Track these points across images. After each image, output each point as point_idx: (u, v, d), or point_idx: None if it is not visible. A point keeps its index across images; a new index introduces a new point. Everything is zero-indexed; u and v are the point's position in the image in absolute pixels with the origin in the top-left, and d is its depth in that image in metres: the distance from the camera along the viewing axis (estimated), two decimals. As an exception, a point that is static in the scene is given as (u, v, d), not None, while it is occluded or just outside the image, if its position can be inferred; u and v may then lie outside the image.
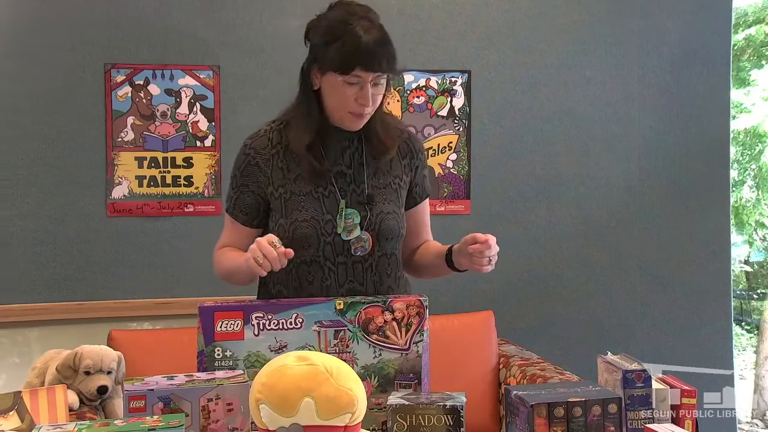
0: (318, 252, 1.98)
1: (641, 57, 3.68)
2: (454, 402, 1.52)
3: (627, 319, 3.67)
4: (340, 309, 1.71)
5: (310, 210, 1.98)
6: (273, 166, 2.03)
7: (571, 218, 3.64)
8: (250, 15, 3.35)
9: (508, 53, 3.57)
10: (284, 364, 1.32)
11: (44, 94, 3.21)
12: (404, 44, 3.45)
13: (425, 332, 1.73)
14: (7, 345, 3.23)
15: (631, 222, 3.69)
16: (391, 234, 2.01)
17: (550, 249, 3.63)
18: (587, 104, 3.65)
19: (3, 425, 1.39)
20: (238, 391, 1.51)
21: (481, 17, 3.55)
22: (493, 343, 3.08)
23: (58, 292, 3.21)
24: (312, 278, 1.99)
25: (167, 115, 3.30)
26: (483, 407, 2.93)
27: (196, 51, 3.33)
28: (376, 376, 1.71)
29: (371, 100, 1.94)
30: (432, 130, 3.53)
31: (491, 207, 3.56)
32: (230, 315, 1.70)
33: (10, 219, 3.19)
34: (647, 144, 3.70)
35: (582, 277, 3.65)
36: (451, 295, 3.43)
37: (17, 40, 3.19)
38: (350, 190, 2.01)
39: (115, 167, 3.27)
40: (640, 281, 3.70)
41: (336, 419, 1.30)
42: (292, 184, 2.01)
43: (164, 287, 3.27)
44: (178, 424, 1.33)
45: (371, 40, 1.90)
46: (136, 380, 1.56)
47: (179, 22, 3.31)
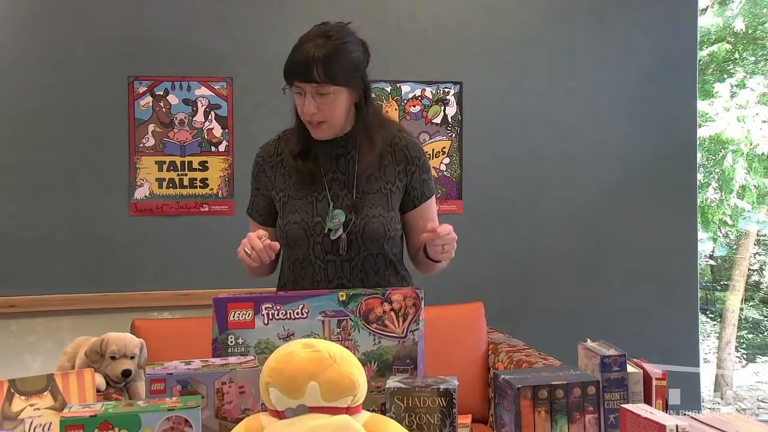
0: (309, 251, 2.00)
1: (618, 70, 3.68)
2: (447, 385, 1.52)
3: (606, 309, 3.67)
4: (342, 300, 1.71)
5: (302, 213, 1.99)
6: (276, 172, 2.05)
7: (554, 217, 3.64)
8: (261, 31, 3.35)
9: (497, 66, 3.57)
10: (291, 351, 1.31)
11: (74, 104, 3.21)
12: (402, 57, 3.48)
13: (421, 322, 1.73)
14: (42, 332, 3.23)
15: (609, 220, 3.69)
16: (375, 236, 1.99)
17: (536, 245, 3.63)
18: (570, 113, 3.65)
19: (38, 404, 1.40)
20: (249, 375, 1.51)
21: (472, 33, 3.55)
22: (482, 332, 3.07)
23: (87, 284, 3.21)
24: (304, 274, 2.01)
25: (185, 122, 3.30)
26: (473, 390, 2.92)
27: (211, 64, 3.32)
28: (376, 362, 1.70)
29: (313, 110, 1.91)
30: (427, 137, 3.53)
31: (481, 207, 3.55)
32: (242, 306, 1.69)
33: (46, 218, 3.19)
34: (623, 149, 3.70)
35: (564, 271, 3.65)
36: (445, 287, 3.41)
37: (50, 56, 3.20)
38: (342, 194, 2.01)
39: (137, 170, 3.26)
40: (617, 274, 3.70)
41: (339, 401, 1.29)
42: (291, 189, 2.03)
43: (182, 280, 3.27)
44: (195, 405, 1.33)
45: (309, 53, 1.88)
46: (156, 365, 1.55)
47: (196, 38, 3.30)
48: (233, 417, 1.49)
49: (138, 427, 1.28)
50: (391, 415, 1.49)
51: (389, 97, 3.48)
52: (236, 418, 1.48)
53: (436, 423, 1.50)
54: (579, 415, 1.52)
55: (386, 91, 3.48)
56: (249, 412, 1.49)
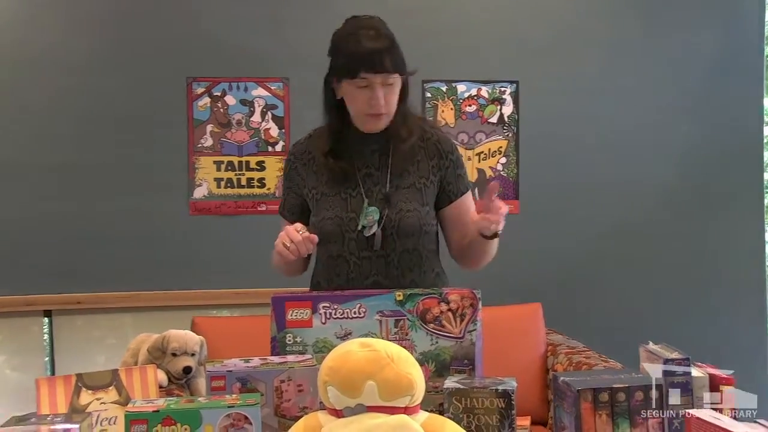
0: (343, 247, 1.98)
1: (677, 67, 3.61)
2: (505, 386, 1.50)
3: (666, 313, 3.59)
4: (399, 300, 1.70)
5: (336, 209, 1.98)
6: (308, 170, 2.04)
7: (612, 217, 3.58)
8: (315, 31, 3.33)
9: (553, 64, 3.53)
10: (349, 350, 1.32)
11: (134, 106, 3.28)
12: (458, 57, 3.46)
13: (478, 322, 1.71)
14: (105, 328, 3.31)
15: (669, 222, 3.62)
16: (410, 230, 1.97)
17: (594, 246, 3.57)
18: (626, 112, 3.59)
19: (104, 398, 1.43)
20: (307, 373, 1.52)
21: (528, 32, 3.52)
22: (541, 333, 3.04)
23: (148, 282, 3.28)
24: (339, 271, 1.99)
25: (242, 123, 3.34)
26: (532, 392, 2.89)
27: (268, 65, 3.35)
28: (433, 362, 1.69)
29: (383, 101, 1.90)
30: (483, 136, 3.50)
31: (538, 207, 3.52)
32: (300, 305, 1.70)
33: (108, 217, 3.26)
34: (683, 149, 3.63)
35: (623, 272, 3.59)
36: (502, 287, 3.39)
37: (113, 60, 3.27)
38: (376, 190, 1.99)
39: (196, 170, 3.31)
40: (677, 277, 3.62)
41: (397, 401, 1.29)
42: (324, 186, 2.01)
43: (241, 279, 3.30)
44: (254, 403, 1.34)
45: (373, 44, 1.88)
46: (216, 362, 1.57)
47: (252, 40, 3.34)
48: (292, 415, 1.50)
49: (199, 423, 1.30)
50: (449, 416, 1.48)
51: (445, 96, 3.47)
52: (295, 416, 1.49)
53: (494, 424, 1.48)
54: (641, 419, 1.49)
55: (442, 91, 3.46)
56: (307, 410, 1.50)
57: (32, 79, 3.23)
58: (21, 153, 3.23)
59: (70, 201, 3.25)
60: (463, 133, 3.50)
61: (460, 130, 3.49)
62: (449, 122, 3.48)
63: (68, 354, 3.26)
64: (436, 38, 3.40)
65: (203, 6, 3.32)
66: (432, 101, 3.46)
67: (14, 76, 3.23)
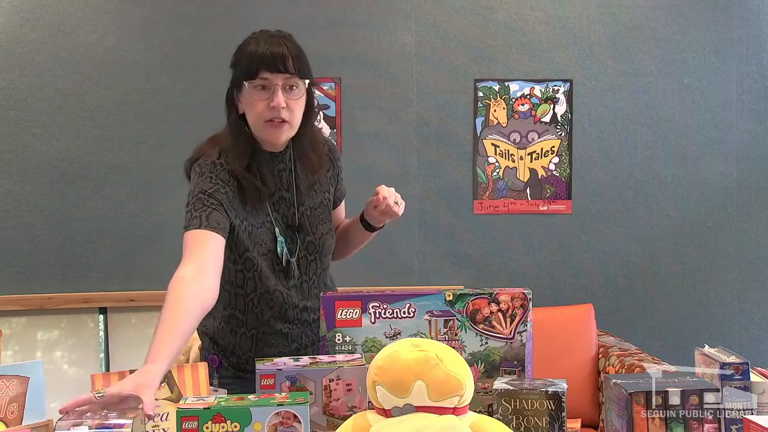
0: (277, 280, 1.89)
1: (740, 63, 3.52)
2: (556, 388, 1.49)
3: (723, 315, 3.51)
4: (449, 300, 1.70)
5: (267, 242, 1.88)
6: (237, 199, 1.86)
7: (668, 218, 3.52)
8: (367, 32, 3.38)
9: (608, 63, 3.48)
10: (398, 350, 1.32)
11: (188, 106, 3.34)
12: (510, 55, 3.44)
13: (529, 323, 1.70)
14: (156, 326, 3.38)
15: (729, 222, 3.54)
16: (329, 250, 1.97)
17: (648, 246, 3.51)
18: (685, 110, 3.52)
19: (157, 395, 1.45)
20: (356, 373, 1.52)
21: (582, 29, 3.47)
22: (592, 334, 3.00)
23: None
24: (273, 304, 1.89)
25: (294, 123, 3.37)
26: (583, 394, 2.86)
27: (320, 65, 3.35)
28: (483, 363, 1.69)
29: (284, 104, 1.79)
30: (536, 135, 3.47)
31: (591, 207, 3.47)
32: (349, 304, 1.71)
33: (161, 216, 3.33)
34: (745, 147, 3.54)
35: (679, 274, 3.52)
36: (553, 288, 3.37)
37: (168, 61, 3.36)
38: (290, 213, 1.91)
39: (248, 170, 3.35)
40: (736, 279, 3.54)
41: (446, 401, 1.29)
42: (250, 216, 1.87)
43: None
44: (303, 401, 1.35)
45: (275, 47, 1.81)
46: (266, 361, 1.59)
47: (304, 39, 3.31)
48: (340, 414, 1.51)
49: (249, 421, 1.32)
50: (498, 417, 1.47)
51: (497, 95, 3.45)
52: (343, 415, 1.50)
53: (544, 426, 1.47)
54: (697, 424, 1.46)
55: (494, 90, 3.44)
56: (356, 409, 1.51)
57: (100, 82, 3.34)
58: (83, 154, 3.34)
59: (125, 200, 3.34)
60: (515, 132, 3.47)
61: (513, 130, 3.47)
62: (501, 121, 3.46)
63: (122, 350, 3.35)
64: (489, 37, 3.38)
65: (257, 5, 3.36)
66: (484, 101, 3.44)
67: (83, 79, 3.33)
